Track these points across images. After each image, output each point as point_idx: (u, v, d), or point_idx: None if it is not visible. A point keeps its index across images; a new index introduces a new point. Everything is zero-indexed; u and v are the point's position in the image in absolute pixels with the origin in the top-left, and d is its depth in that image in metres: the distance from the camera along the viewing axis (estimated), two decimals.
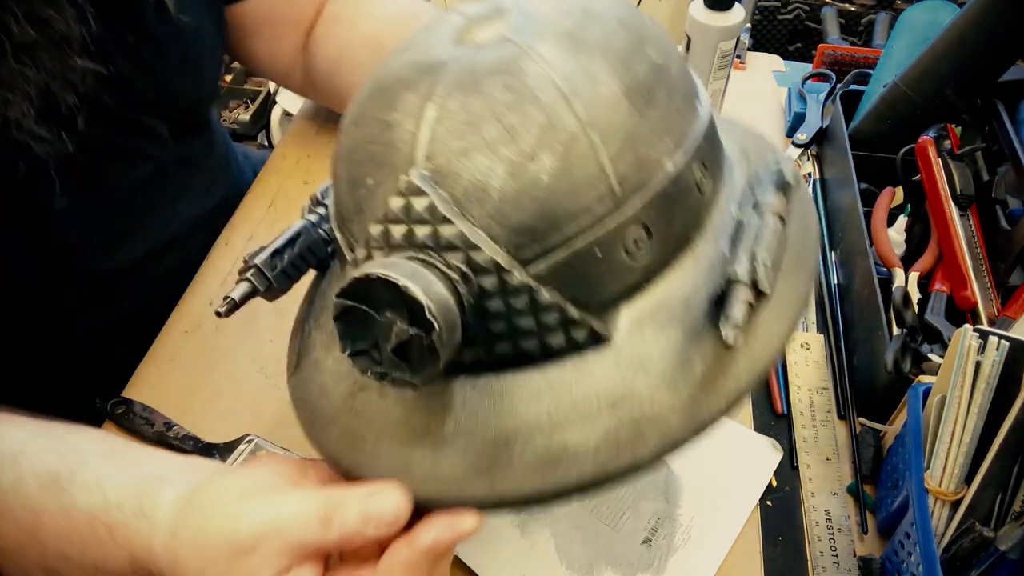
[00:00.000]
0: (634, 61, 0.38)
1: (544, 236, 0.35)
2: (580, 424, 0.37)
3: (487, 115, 0.35)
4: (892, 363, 0.57)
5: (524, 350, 0.38)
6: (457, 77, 0.36)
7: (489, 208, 0.35)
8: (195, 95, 0.71)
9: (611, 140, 0.36)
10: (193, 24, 0.64)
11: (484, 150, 0.35)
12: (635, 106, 0.37)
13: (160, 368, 0.67)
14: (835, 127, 0.82)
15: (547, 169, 0.35)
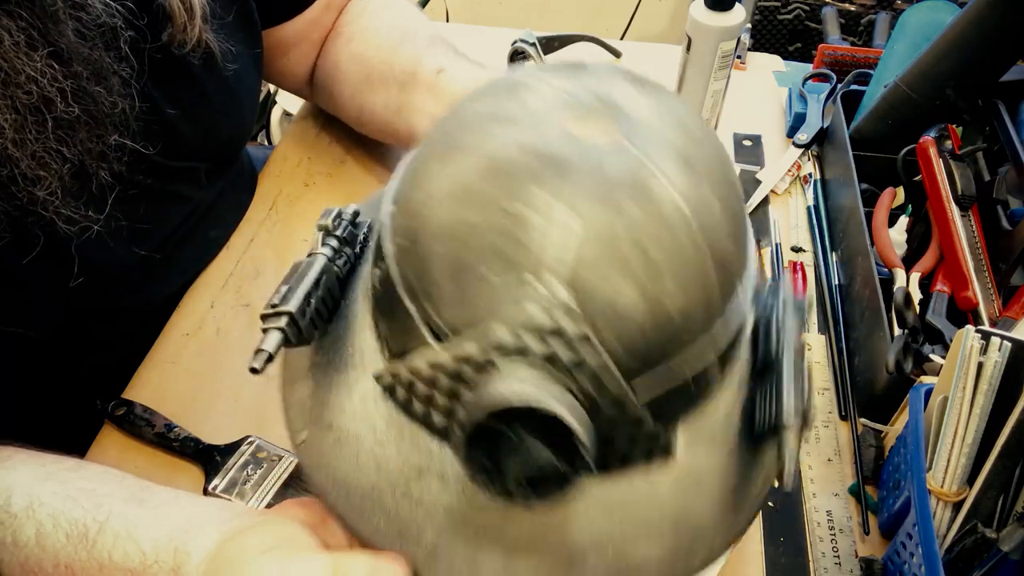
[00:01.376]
0: (730, 190, 0.37)
1: (657, 360, 0.35)
2: (647, 541, 0.38)
3: (625, 234, 0.33)
4: (894, 364, 0.57)
5: (607, 461, 0.37)
6: (591, 184, 0.34)
7: (620, 333, 0.34)
8: (236, 135, 0.71)
9: (720, 270, 0.35)
10: (239, 74, 0.65)
11: (621, 270, 0.33)
12: (733, 235, 0.37)
13: (161, 370, 0.66)
14: (836, 127, 0.82)
15: (672, 296, 0.34)
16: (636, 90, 0.38)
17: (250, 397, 0.64)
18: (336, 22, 0.79)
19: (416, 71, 0.71)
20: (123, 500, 0.48)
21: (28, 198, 0.51)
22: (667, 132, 0.37)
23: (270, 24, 0.73)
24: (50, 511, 0.47)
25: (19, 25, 0.48)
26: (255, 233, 0.77)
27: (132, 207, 0.60)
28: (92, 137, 0.53)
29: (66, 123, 0.51)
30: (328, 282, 0.42)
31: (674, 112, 0.38)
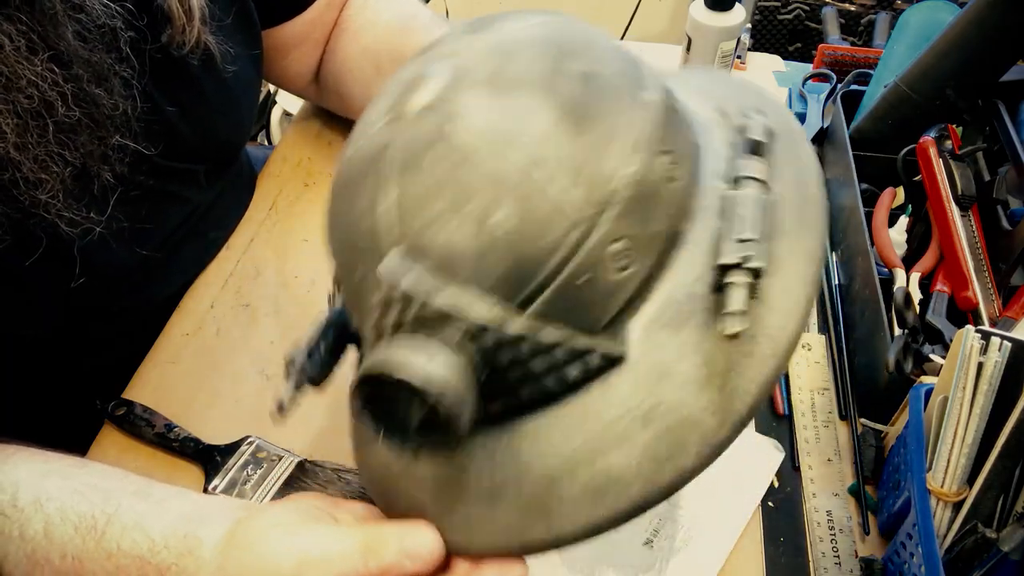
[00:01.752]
0: (559, 81, 0.37)
1: (528, 279, 0.36)
2: (618, 447, 0.37)
3: (434, 189, 0.36)
4: (894, 364, 0.57)
5: (547, 389, 0.38)
6: (401, 159, 0.37)
7: (467, 269, 0.35)
8: (234, 136, 0.71)
9: (558, 172, 0.35)
10: (238, 75, 0.65)
11: (445, 220, 0.36)
12: (572, 128, 0.36)
13: (161, 370, 0.66)
14: (836, 127, 0.82)
15: (504, 221, 0.35)
16: (469, 32, 0.40)
17: (250, 397, 0.64)
18: (339, 18, 0.79)
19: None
20: (130, 494, 0.48)
21: (30, 201, 0.51)
22: (476, 64, 0.38)
23: (270, 25, 0.73)
24: (58, 505, 0.48)
25: (19, 29, 0.48)
26: (255, 233, 0.77)
27: (132, 208, 0.60)
28: (93, 139, 0.53)
29: (67, 127, 0.51)
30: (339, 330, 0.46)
31: (499, 37, 0.39)
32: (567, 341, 0.36)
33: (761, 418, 0.64)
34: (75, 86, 0.51)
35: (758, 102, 0.44)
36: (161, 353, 0.68)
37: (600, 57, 0.39)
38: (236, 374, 0.66)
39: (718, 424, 0.36)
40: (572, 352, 0.37)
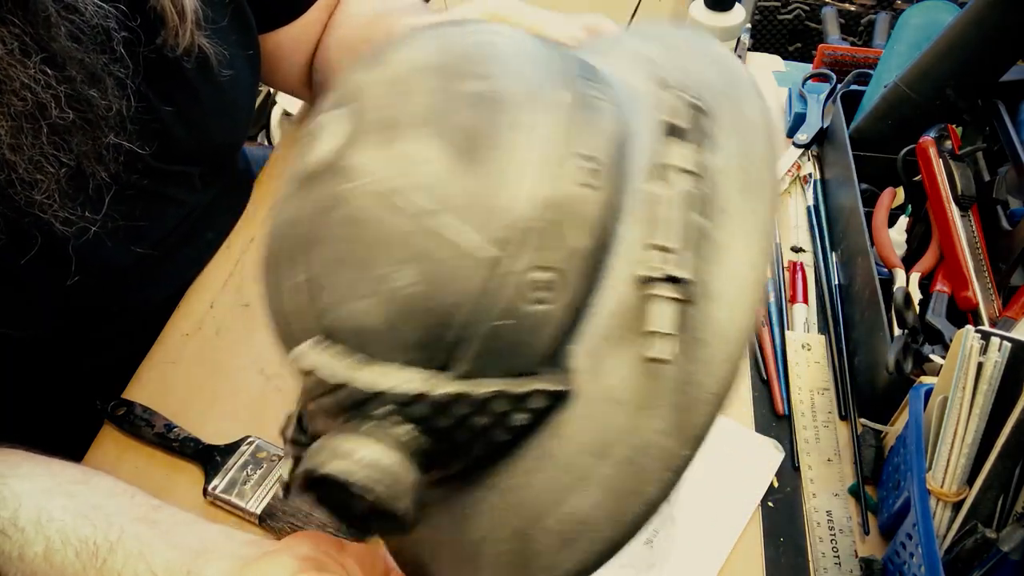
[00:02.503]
0: (447, 112, 0.34)
1: (444, 338, 0.33)
2: (580, 487, 0.35)
3: (338, 262, 0.34)
4: (893, 364, 0.57)
5: (497, 441, 0.35)
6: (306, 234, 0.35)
7: (382, 343, 0.33)
8: (230, 138, 0.71)
9: (451, 216, 0.32)
10: (234, 79, 0.64)
11: (350, 294, 0.33)
12: (463, 164, 0.33)
13: (161, 370, 0.66)
14: (836, 127, 0.82)
15: (406, 279, 0.32)
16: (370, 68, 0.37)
17: (250, 397, 0.64)
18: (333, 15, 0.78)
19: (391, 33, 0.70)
20: (134, 519, 0.48)
21: (26, 200, 0.51)
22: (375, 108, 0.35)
23: (267, 29, 0.72)
24: (59, 527, 0.47)
25: (12, 32, 0.48)
26: (255, 233, 0.77)
27: (128, 209, 0.60)
28: (88, 139, 0.53)
29: (61, 128, 0.51)
30: None
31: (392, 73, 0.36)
32: (502, 390, 0.34)
33: (761, 418, 0.64)
34: (69, 87, 0.51)
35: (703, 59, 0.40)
36: (161, 353, 0.68)
37: (498, 67, 0.35)
38: (236, 374, 0.66)
39: (677, 445, 0.34)
40: (511, 399, 0.34)
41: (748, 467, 0.60)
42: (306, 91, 0.83)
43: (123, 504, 0.50)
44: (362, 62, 0.38)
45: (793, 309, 0.72)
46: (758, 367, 0.67)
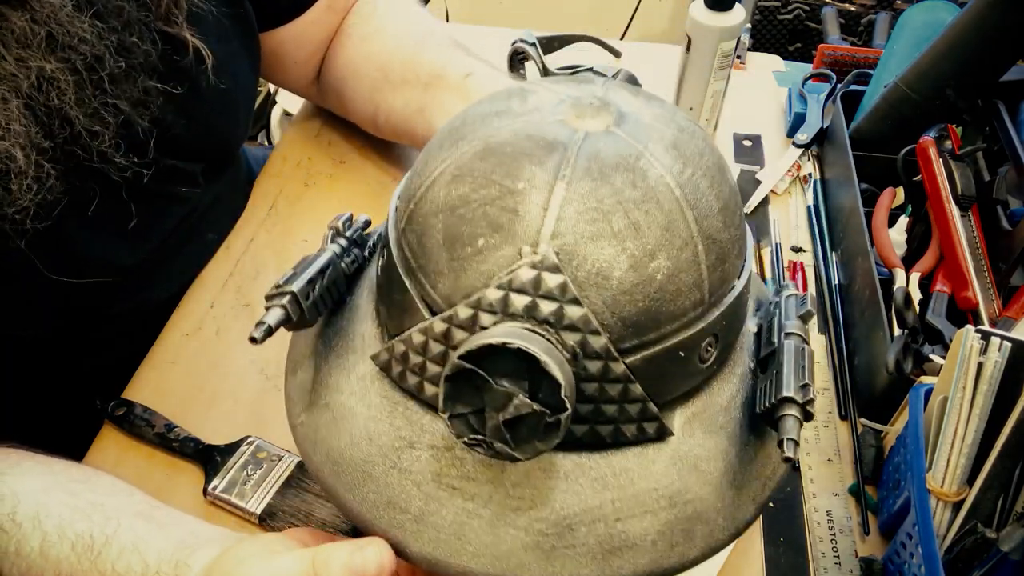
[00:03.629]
0: (721, 180, 0.39)
1: (646, 331, 0.37)
2: (641, 516, 0.39)
3: (616, 207, 0.36)
4: (893, 364, 0.57)
5: (599, 435, 0.38)
6: (585, 163, 0.36)
7: (607, 296, 0.36)
8: (231, 137, 0.71)
9: (710, 252, 0.37)
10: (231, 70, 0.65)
11: (611, 239, 0.35)
12: (725, 223, 0.38)
13: (160, 370, 0.66)
14: (836, 127, 0.82)
15: (663, 269, 0.36)
16: (631, 94, 0.41)
17: (250, 397, 0.64)
18: (343, 25, 0.79)
19: (443, 73, 0.71)
20: (132, 515, 0.49)
21: (95, 153, 0.54)
22: (658, 125, 0.39)
23: (270, 26, 0.73)
24: (56, 522, 0.48)
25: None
26: (255, 233, 0.77)
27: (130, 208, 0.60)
28: (133, 86, 0.55)
29: (118, 77, 0.54)
30: (334, 274, 0.44)
31: (667, 111, 0.40)
32: (644, 400, 0.38)
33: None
34: (117, 37, 0.53)
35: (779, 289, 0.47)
36: (161, 353, 0.68)
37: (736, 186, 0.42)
38: (236, 374, 0.66)
39: (723, 527, 0.40)
40: (641, 412, 0.38)
41: None
42: (311, 89, 0.83)
43: (122, 501, 0.50)
44: (644, 95, 0.41)
45: None
46: None
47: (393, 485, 0.39)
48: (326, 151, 0.85)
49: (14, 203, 0.50)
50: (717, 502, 0.40)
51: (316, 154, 0.85)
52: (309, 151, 0.85)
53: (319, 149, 0.85)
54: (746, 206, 0.81)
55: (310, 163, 0.84)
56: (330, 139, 0.86)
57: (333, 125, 0.87)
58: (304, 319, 0.42)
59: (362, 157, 0.84)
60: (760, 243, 0.77)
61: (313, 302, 0.42)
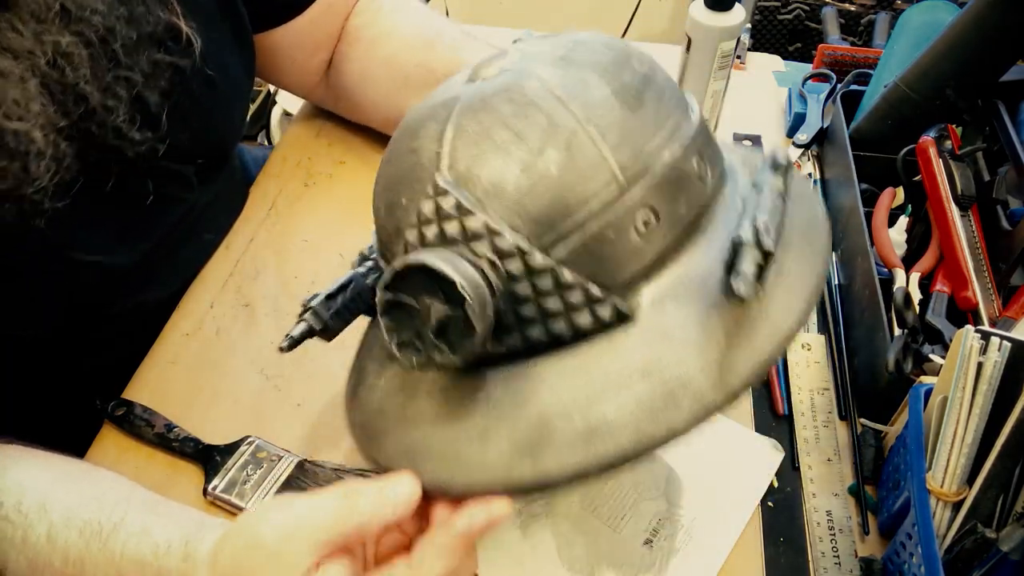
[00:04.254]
0: (621, 71, 0.42)
1: (559, 222, 0.39)
2: (615, 395, 0.39)
3: (496, 124, 0.40)
4: (893, 364, 0.57)
5: (555, 332, 0.40)
6: (468, 103, 0.41)
7: (508, 202, 0.39)
8: (224, 138, 0.71)
9: (608, 133, 0.40)
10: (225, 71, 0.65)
11: (497, 153, 0.39)
12: (626, 105, 0.41)
13: (161, 370, 0.66)
14: (836, 127, 0.82)
15: (554, 162, 0.39)
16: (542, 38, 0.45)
17: (250, 397, 0.64)
18: (348, 27, 0.78)
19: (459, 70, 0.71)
20: (138, 503, 0.49)
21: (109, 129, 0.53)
22: (548, 49, 0.43)
23: (267, 26, 0.72)
24: (63, 511, 0.48)
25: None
26: (255, 233, 0.77)
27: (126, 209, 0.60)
28: (143, 58, 0.55)
29: (130, 48, 0.53)
30: (357, 288, 0.51)
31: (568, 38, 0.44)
32: (583, 285, 0.39)
33: (761, 418, 0.64)
34: (127, 8, 0.53)
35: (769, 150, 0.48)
36: (161, 353, 0.68)
37: (657, 69, 0.44)
38: (236, 374, 0.66)
39: (711, 387, 0.38)
40: (586, 297, 0.40)
41: (748, 467, 0.60)
42: (316, 92, 0.83)
43: (126, 493, 0.50)
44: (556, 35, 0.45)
45: None
46: None
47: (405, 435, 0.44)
48: (326, 151, 0.85)
49: (32, 183, 0.49)
50: (698, 362, 0.39)
51: (316, 154, 0.85)
52: (309, 151, 0.85)
53: (319, 149, 0.85)
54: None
55: (310, 163, 0.84)
56: (330, 139, 0.86)
57: (333, 125, 0.87)
58: (328, 328, 0.50)
59: (362, 157, 0.84)
60: None
61: (335, 312, 0.50)
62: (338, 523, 0.40)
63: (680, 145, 0.42)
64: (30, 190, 0.50)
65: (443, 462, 0.41)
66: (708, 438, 0.62)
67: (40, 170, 0.49)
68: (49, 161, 0.50)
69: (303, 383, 0.65)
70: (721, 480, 0.59)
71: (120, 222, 0.60)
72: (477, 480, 0.40)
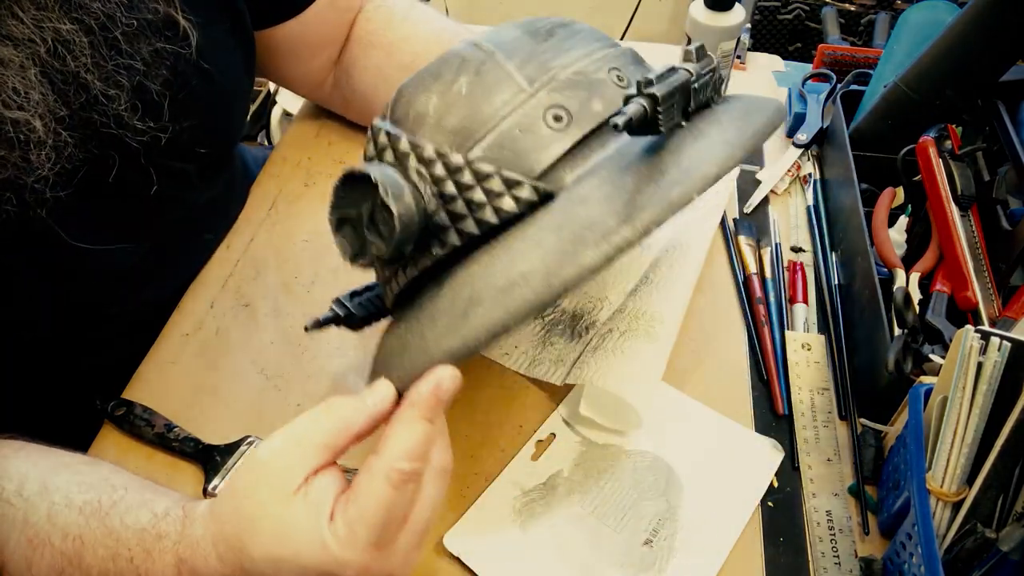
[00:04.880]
0: (536, 21, 0.50)
1: (475, 130, 0.46)
2: (530, 252, 0.43)
3: (425, 75, 0.49)
4: (893, 364, 0.57)
5: (484, 221, 0.46)
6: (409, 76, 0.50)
7: (429, 123, 0.47)
8: (225, 136, 0.71)
9: (514, 56, 0.48)
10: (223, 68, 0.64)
11: (421, 93, 0.48)
12: (534, 38, 0.49)
13: (161, 370, 0.67)
14: (836, 127, 0.82)
15: (464, 84, 0.47)
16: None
17: (250, 397, 0.64)
18: (359, 32, 0.78)
19: None
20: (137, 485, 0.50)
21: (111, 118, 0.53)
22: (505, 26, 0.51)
23: (267, 24, 0.72)
24: (64, 494, 0.48)
25: None
26: (255, 233, 0.77)
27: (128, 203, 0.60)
28: (145, 46, 0.55)
29: (131, 35, 0.53)
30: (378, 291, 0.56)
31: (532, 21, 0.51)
32: (500, 172, 0.45)
33: (761, 418, 0.64)
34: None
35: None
36: (161, 353, 0.68)
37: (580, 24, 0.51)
38: (236, 374, 0.66)
39: (617, 224, 0.41)
40: (504, 183, 0.45)
41: (748, 467, 0.60)
42: (322, 92, 0.83)
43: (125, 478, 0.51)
44: None
45: (793, 309, 0.72)
46: (758, 367, 0.67)
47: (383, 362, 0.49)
48: (326, 151, 0.85)
49: (33, 172, 0.49)
50: (607, 208, 0.42)
51: (316, 154, 0.85)
52: (309, 151, 0.85)
53: (319, 149, 0.86)
54: (746, 206, 0.81)
55: (310, 163, 0.84)
56: (330, 139, 0.86)
57: (333, 125, 0.87)
58: (352, 316, 0.56)
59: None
60: (760, 243, 0.77)
61: (359, 303, 0.56)
62: (324, 426, 0.43)
63: (591, 60, 0.48)
64: (31, 179, 0.50)
65: (401, 356, 0.46)
66: (708, 438, 0.62)
67: (41, 159, 0.49)
68: (50, 150, 0.50)
69: (303, 383, 0.65)
70: (721, 480, 0.59)
71: (122, 217, 0.60)
72: (423, 361, 0.44)
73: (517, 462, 0.60)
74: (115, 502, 0.48)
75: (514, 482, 0.59)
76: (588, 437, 0.62)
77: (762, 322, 0.70)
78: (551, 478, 0.59)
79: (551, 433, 0.62)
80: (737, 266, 0.75)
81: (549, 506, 0.58)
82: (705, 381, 0.66)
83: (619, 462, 0.60)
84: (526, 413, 0.63)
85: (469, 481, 0.59)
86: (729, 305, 0.73)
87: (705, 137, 0.44)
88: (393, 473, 0.41)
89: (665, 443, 0.61)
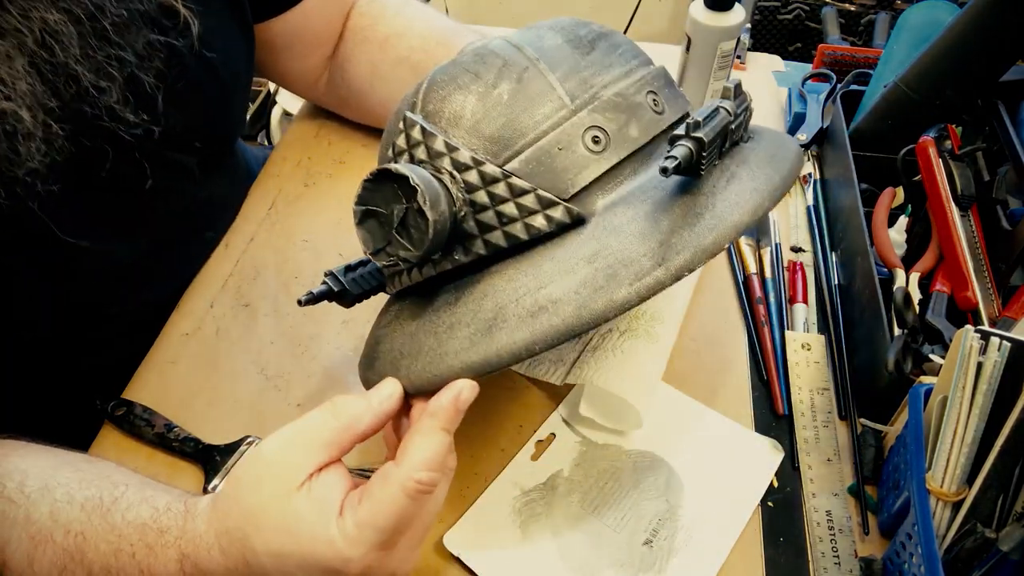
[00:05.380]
0: (577, 28, 0.50)
1: (513, 140, 0.46)
2: (561, 278, 0.43)
3: (460, 71, 0.48)
4: (893, 363, 0.57)
5: (513, 235, 0.45)
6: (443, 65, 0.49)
7: (466, 126, 0.46)
8: (225, 128, 0.71)
9: (558, 69, 0.47)
10: (225, 57, 0.64)
11: (459, 91, 0.47)
12: (577, 50, 0.49)
13: (161, 370, 0.66)
14: (835, 127, 0.82)
15: (507, 91, 0.47)
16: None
17: (250, 397, 0.64)
18: (351, 27, 0.78)
19: None
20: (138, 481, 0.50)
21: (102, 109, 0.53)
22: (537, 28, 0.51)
23: (266, 16, 0.72)
24: (66, 491, 0.48)
25: None
26: (254, 233, 0.77)
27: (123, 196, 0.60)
28: (137, 37, 0.54)
29: (121, 26, 0.53)
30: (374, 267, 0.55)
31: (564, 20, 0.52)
32: (535, 190, 0.45)
33: (761, 418, 0.64)
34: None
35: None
36: (161, 353, 0.68)
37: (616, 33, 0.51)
38: (236, 374, 0.66)
39: (652, 266, 0.42)
40: (539, 202, 0.45)
41: (748, 467, 0.60)
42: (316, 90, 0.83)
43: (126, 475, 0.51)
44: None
45: (793, 309, 0.72)
46: (758, 367, 0.67)
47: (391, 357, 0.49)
48: (326, 151, 0.85)
49: (23, 165, 0.49)
50: (642, 247, 0.42)
51: (316, 154, 0.85)
52: (309, 151, 0.85)
53: (319, 149, 0.86)
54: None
55: (310, 163, 0.84)
56: (330, 139, 0.86)
57: (333, 125, 0.87)
58: (346, 292, 0.54)
59: (362, 157, 0.84)
60: (760, 243, 0.77)
61: (353, 280, 0.55)
62: (329, 424, 0.44)
63: (631, 82, 0.48)
64: (21, 171, 0.49)
65: (415, 359, 0.46)
66: (708, 438, 0.62)
67: (31, 151, 0.49)
68: (40, 142, 0.49)
69: (303, 383, 0.65)
70: (721, 480, 0.59)
71: (117, 211, 0.60)
72: (442, 371, 0.44)
73: (517, 462, 0.60)
74: (116, 498, 0.48)
75: (514, 482, 0.59)
76: (588, 437, 0.62)
77: (762, 322, 0.70)
78: (551, 478, 0.59)
79: (551, 433, 0.62)
80: (737, 266, 0.75)
81: (549, 506, 0.58)
82: (705, 381, 0.66)
83: (619, 462, 0.60)
84: (526, 413, 0.63)
85: (469, 481, 0.59)
86: (729, 305, 0.73)
87: (736, 180, 0.45)
88: (410, 483, 0.42)
89: (665, 443, 0.61)
